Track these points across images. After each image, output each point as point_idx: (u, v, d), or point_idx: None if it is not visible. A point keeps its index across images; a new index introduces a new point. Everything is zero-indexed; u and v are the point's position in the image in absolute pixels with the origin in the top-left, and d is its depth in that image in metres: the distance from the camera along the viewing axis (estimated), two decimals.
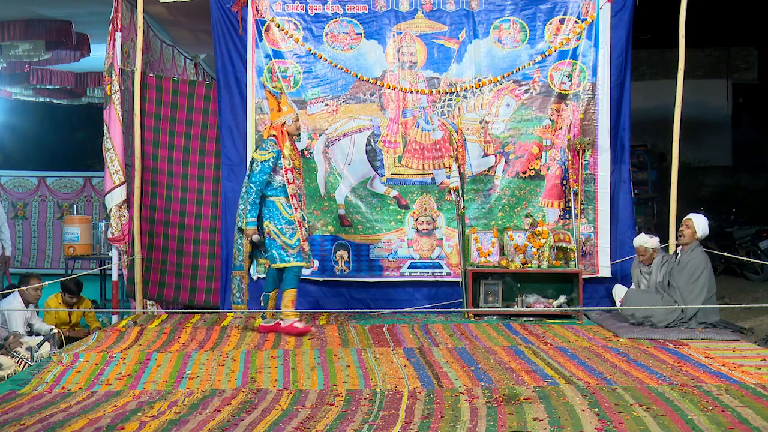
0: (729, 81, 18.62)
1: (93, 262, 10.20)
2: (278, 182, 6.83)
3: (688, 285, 6.93)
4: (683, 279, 6.98)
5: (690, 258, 7.02)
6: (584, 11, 7.94)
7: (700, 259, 7.02)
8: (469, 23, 7.99)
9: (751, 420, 4.30)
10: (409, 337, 6.69)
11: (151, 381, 5.33)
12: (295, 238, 6.81)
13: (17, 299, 7.26)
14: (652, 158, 15.87)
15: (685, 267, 6.99)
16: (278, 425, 4.31)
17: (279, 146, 6.81)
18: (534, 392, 4.88)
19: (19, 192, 14.06)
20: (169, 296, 8.13)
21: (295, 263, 6.85)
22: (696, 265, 6.96)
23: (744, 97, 19.43)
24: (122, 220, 7.93)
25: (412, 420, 4.38)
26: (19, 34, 9.43)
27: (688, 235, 7.11)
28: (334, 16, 8.05)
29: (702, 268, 6.96)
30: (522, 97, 8.01)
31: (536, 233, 7.56)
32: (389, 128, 8.04)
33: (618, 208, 7.98)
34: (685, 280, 6.97)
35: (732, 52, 18.74)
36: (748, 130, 19.02)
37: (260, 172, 6.75)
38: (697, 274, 6.93)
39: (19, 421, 4.42)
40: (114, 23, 7.89)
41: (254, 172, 6.77)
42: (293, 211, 6.83)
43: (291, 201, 6.83)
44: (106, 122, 7.88)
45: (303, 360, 5.84)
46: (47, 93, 13.06)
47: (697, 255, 7.04)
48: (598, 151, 7.92)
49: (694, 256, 7.03)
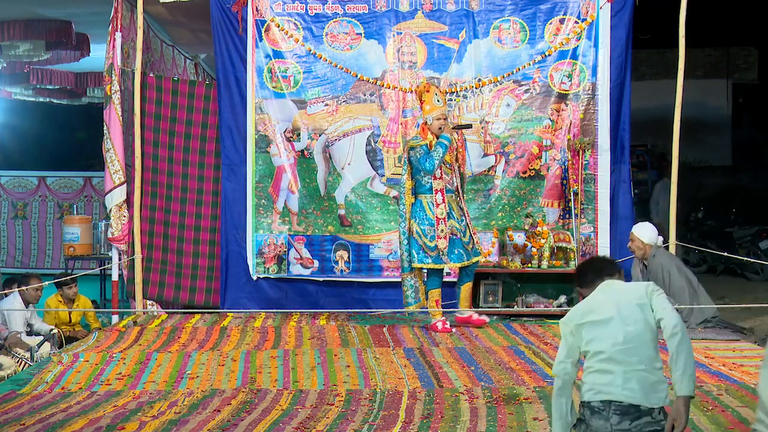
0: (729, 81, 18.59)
1: (93, 262, 10.19)
2: (426, 180, 6.89)
3: (666, 288, 6.90)
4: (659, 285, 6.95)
5: (654, 266, 7.01)
6: (584, 11, 7.94)
7: (665, 260, 7.00)
8: (469, 23, 7.99)
9: (751, 420, 4.29)
10: (409, 337, 6.69)
11: (151, 381, 5.33)
12: (435, 240, 6.83)
13: (17, 299, 7.26)
14: (652, 158, 15.86)
15: (656, 273, 6.98)
16: (278, 425, 4.32)
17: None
18: (534, 392, 4.88)
19: (19, 192, 14.04)
20: (169, 296, 8.13)
21: (431, 265, 6.90)
22: (661, 270, 6.93)
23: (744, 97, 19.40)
24: (122, 220, 7.93)
25: (412, 420, 4.38)
26: (19, 34, 9.42)
27: (636, 248, 7.13)
28: (334, 16, 8.04)
29: (668, 269, 6.90)
30: (522, 97, 8.00)
31: (536, 233, 7.56)
32: (389, 128, 8.03)
33: (618, 208, 7.98)
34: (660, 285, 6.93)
35: (732, 52, 18.71)
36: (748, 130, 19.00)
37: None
38: (666, 277, 6.87)
39: (19, 421, 4.42)
40: (114, 23, 7.89)
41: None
42: (435, 208, 6.86)
43: (435, 197, 6.86)
44: (106, 122, 7.88)
45: (303, 360, 5.83)
46: (47, 93, 13.05)
47: (659, 260, 7.01)
48: (598, 151, 7.91)
49: (656, 262, 7.01)
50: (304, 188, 8.03)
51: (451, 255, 6.89)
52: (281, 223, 8.04)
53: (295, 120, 8.03)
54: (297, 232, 8.03)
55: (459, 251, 6.89)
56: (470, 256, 6.95)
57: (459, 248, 6.89)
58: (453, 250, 6.89)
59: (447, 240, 6.86)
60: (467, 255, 6.92)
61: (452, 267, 7.00)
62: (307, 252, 8.03)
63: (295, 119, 8.03)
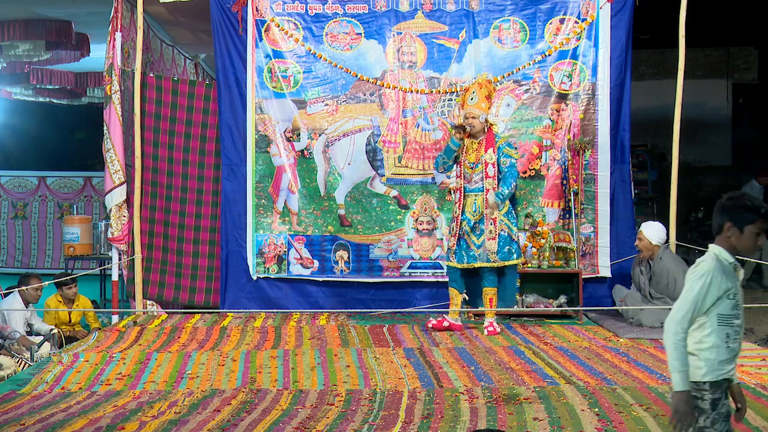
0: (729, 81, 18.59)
1: (93, 262, 10.20)
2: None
3: (670, 292, 6.89)
4: (662, 288, 6.96)
5: (660, 267, 7.00)
6: (584, 11, 7.94)
7: (671, 265, 6.98)
8: (469, 23, 7.99)
9: (751, 420, 4.30)
10: (409, 337, 6.69)
11: (151, 381, 5.33)
12: (449, 237, 6.98)
13: (17, 299, 7.27)
14: (652, 158, 15.85)
15: (660, 277, 6.97)
16: (278, 425, 4.31)
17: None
18: (534, 392, 4.88)
19: (19, 192, 14.04)
20: (169, 296, 8.13)
21: (446, 263, 7.13)
22: (668, 272, 6.93)
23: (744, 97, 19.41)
24: (122, 220, 7.93)
25: (412, 420, 4.38)
26: (19, 34, 9.43)
27: (644, 247, 7.11)
28: (334, 16, 8.04)
29: (675, 272, 6.88)
30: (522, 97, 8.00)
31: (536, 233, 7.56)
32: (389, 128, 8.03)
33: (618, 208, 7.98)
34: (663, 288, 6.95)
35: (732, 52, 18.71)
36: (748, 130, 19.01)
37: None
38: (672, 280, 6.87)
39: (19, 421, 4.42)
40: (114, 23, 7.89)
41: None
42: (454, 205, 7.03)
43: (454, 195, 7.03)
44: (106, 122, 7.88)
45: (303, 360, 5.83)
46: (47, 93, 13.06)
47: (666, 262, 7.00)
48: (598, 151, 7.91)
49: (663, 264, 7.00)
50: (304, 188, 8.03)
51: (457, 254, 6.91)
52: (281, 223, 8.04)
53: (295, 120, 8.03)
54: (297, 232, 8.03)
55: (462, 252, 6.90)
56: (473, 261, 6.87)
57: (463, 249, 6.90)
58: (459, 251, 6.90)
59: (456, 238, 6.88)
60: (468, 258, 6.90)
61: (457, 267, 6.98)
62: (307, 252, 8.03)
63: (295, 119, 8.03)
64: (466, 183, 6.91)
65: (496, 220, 6.82)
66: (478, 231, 6.85)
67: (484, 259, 6.85)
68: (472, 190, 6.90)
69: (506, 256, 6.87)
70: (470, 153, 6.89)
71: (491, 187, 6.80)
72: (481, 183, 6.86)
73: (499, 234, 6.80)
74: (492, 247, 6.81)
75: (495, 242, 6.81)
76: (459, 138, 6.88)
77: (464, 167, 6.92)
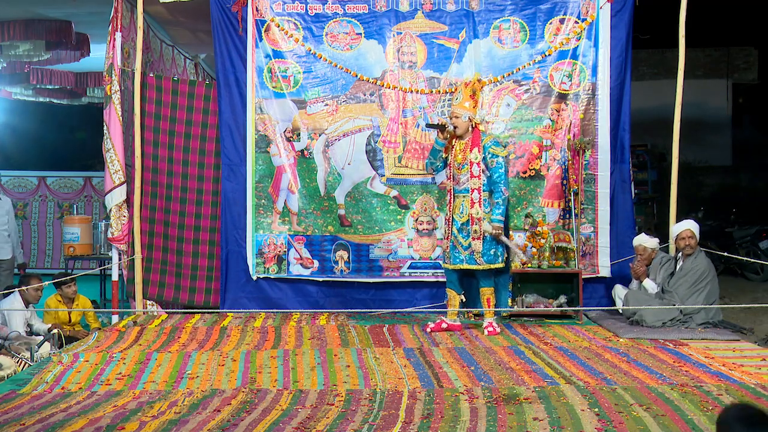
0: (729, 81, 18.62)
1: (93, 262, 10.20)
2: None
3: (690, 291, 6.92)
4: (685, 285, 6.96)
5: (694, 265, 7.01)
6: (584, 11, 7.94)
7: (705, 266, 7.01)
8: (469, 23, 7.99)
9: None
10: (409, 337, 6.69)
11: (151, 381, 5.33)
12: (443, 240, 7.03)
13: (17, 299, 7.27)
14: (652, 158, 15.86)
15: (688, 274, 6.98)
16: (278, 425, 4.31)
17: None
18: (534, 392, 4.88)
19: (19, 192, 14.04)
20: (169, 296, 8.13)
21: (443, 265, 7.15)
22: (701, 272, 6.96)
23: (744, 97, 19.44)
24: (122, 220, 7.93)
25: (412, 420, 4.38)
26: (19, 34, 9.43)
27: (695, 245, 7.12)
28: (334, 16, 8.04)
29: (707, 275, 6.96)
30: (522, 97, 8.00)
31: (536, 233, 7.56)
32: (389, 128, 8.03)
33: (618, 208, 7.98)
34: (688, 285, 6.95)
35: (732, 52, 18.74)
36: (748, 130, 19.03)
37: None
38: (701, 280, 6.92)
39: (19, 421, 4.42)
40: (114, 23, 7.89)
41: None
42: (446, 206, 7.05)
43: (446, 197, 7.08)
44: (106, 122, 7.88)
45: (303, 360, 5.83)
46: (47, 93, 13.06)
47: (701, 262, 7.03)
48: (598, 151, 7.91)
49: (698, 263, 7.02)
50: (304, 188, 8.03)
51: (450, 256, 6.92)
52: (281, 223, 8.04)
53: (295, 120, 8.03)
54: (297, 232, 8.04)
55: (453, 254, 6.93)
56: (460, 262, 6.87)
57: (454, 251, 6.91)
58: (451, 252, 6.92)
59: (449, 240, 6.89)
60: (458, 260, 6.89)
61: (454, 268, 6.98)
62: (307, 252, 8.03)
63: (295, 119, 8.03)
64: (455, 184, 6.91)
65: (481, 220, 6.80)
66: (465, 232, 6.85)
67: (470, 261, 6.85)
68: (460, 192, 6.89)
69: (492, 259, 6.83)
70: (457, 154, 6.90)
71: (476, 188, 6.79)
72: (467, 184, 6.85)
73: (484, 236, 6.80)
74: (477, 248, 6.80)
75: (480, 242, 6.79)
76: (443, 138, 6.90)
77: (453, 168, 6.93)
